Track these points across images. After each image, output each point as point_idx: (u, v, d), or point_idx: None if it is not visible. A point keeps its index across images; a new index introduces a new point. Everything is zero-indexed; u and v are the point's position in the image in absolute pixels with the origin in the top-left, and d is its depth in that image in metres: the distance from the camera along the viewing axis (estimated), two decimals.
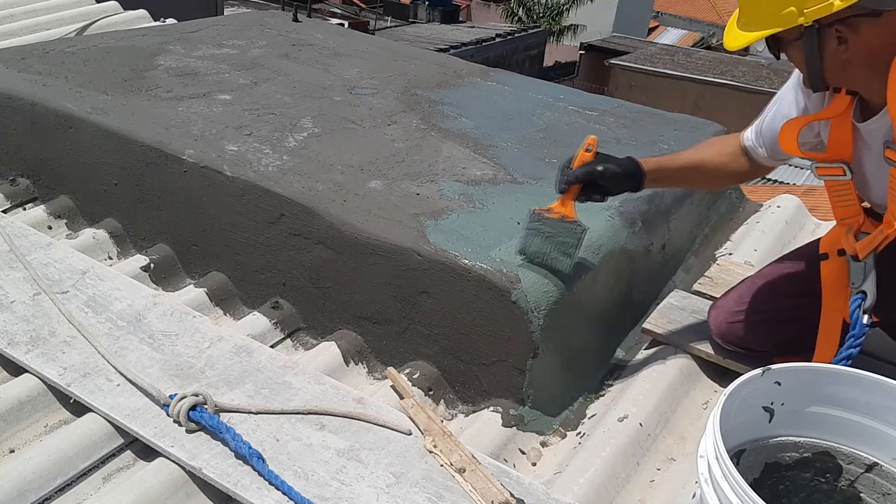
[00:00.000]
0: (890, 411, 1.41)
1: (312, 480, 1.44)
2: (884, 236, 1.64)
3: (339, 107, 2.59)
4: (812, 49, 1.48)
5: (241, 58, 2.96)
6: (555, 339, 1.80)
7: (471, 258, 1.79)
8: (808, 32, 1.46)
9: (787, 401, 1.47)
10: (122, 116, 2.33)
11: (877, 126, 1.58)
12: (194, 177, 2.15)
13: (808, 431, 1.48)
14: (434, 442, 1.55)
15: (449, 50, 15.23)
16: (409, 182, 2.12)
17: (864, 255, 1.68)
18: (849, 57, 1.47)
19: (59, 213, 2.39)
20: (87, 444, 1.53)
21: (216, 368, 1.71)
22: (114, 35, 3.15)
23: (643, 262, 2.15)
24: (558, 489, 1.54)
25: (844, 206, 1.74)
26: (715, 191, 2.60)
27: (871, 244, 1.67)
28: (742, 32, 1.56)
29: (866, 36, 1.43)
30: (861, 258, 1.68)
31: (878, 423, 1.43)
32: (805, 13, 1.42)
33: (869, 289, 1.67)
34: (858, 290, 1.69)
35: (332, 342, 1.94)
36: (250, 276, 2.13)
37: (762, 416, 1.47)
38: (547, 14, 25.92)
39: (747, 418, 1.45)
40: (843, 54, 1.47)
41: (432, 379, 1.86)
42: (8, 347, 1.71)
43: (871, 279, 1.68)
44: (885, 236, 1.64)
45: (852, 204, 1.73)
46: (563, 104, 2.85)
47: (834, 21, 1.42)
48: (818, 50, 1.48)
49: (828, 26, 1.44)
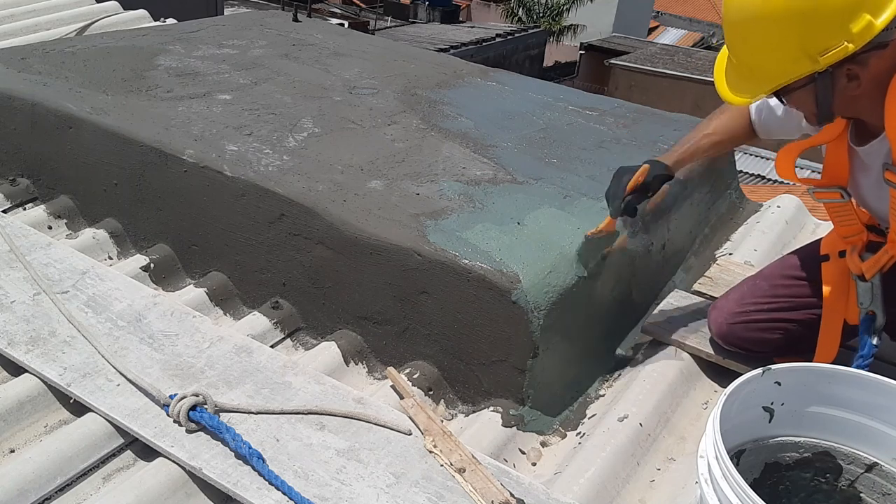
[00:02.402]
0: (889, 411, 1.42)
1: (312, 480, 1.44)
2: (889, 256, 1.64)
3: (339, 107, 2.59)
4: (825, 92, 1.46)
5: (241, 58, 2.96)
6: (555, 340, 1.80)
7: (471, 258, 1.79)
8: (821, 77, 1.43)
9: (787, 401, 1.47)
10: (122, 116, 2.33)
11: (876, 149, 1.57)
12: (194, 177, 2.15)
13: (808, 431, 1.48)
14: (434, 442, 1.55)
15: (449, 50, 15.21)
16: (409, 182, 2.12)
17: (870, 276, 1.68)
18: (861, 91, 1.46)
19: (59, 213, 2.39)
20: (87, 444, 1.53)
21: (216, 368, 1.71)
22: (114, 35, 3.15)
23: (643, 262, 2.15)
24: (558, 489, 1.54)
25: (846, 225, 1.74)
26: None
27: (877, 264, 1.66)
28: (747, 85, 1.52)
29: (872, 67, 1.43)
30: (868, 278, 1.68)
31: (877, 422, 1.43)
32: (820, 60, 1.39)
33: (878, 309, 1.67)
34: (867, 310, 1.68)
35: (332, 342, 1.94)
36: (250, 276, 2.13)
37: (762, 416, 1.47)
38: (547, 14, 25.90)
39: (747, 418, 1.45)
40: (854, 90, 1.46)
41: (432, 379, 1.86)
42: (8, 347, 1.71)
43: (878, 299, 1.68)
44: (891, 256, 1.63)
45: (854, 223, 1.72)
46: (563, 104, 2.85)
47: (844, 61, 1.40)
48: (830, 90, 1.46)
49: (838, 66, 1.42)
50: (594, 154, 2.40)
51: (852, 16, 1.34)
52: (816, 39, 1.38)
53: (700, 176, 2.46)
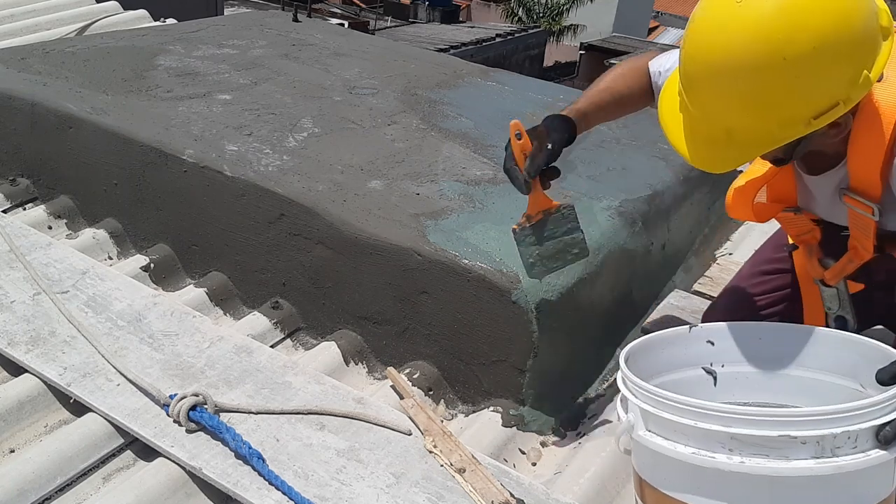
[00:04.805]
0: (820, 357, 1.44)
1: (312, 480, 1.44)
2: (854, 264, 1.58)
3: (339, 107, 2.59)
4: (801, 143, 1.31)
5: (241, 58, 2.96)
6: (555, 339, 1.80)
7: (471, 258, 1.79)
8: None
9: (727, 362, 1.49)
10: (122, 116, 2.33)
11: (829, 177, 1.49)
12: (194, 177, 2.15)
13: (756, 393, 1.50)
14: (434, 442, 1.55)
15: (449, 50, 15.21)
16: (409, 182, 2.12)
17: (834, 282, 1.64)
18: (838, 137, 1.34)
19: (59, 213, 2.39)
20: (87, 444, 1.53)
21: (216, 368, 1.71)
22: (114, 35, 3.15)
23: (643, 262, 2.15)
24: (558, 489, 1.54)
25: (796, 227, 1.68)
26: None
27: (841, 273, 1.61)
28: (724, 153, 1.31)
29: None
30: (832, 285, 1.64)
31: (812, 372, 1.45)
32: (813, 123, 1.23)
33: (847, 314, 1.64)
34: (837, 315, 1.65)
35: (332, 342, 1.94)
36: (250, 276, 2.13)
37: (705, 378, 1.50)
38: (547, 14, 25.92)
39: (689, 380, 1.48)
40: (833, 137, 1.34)
41: (432, 379, 1.86)
42: (8, 347, 1.71)
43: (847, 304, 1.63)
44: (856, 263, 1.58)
45: (804, 222, 1.66)
46: (563, 104, 2.82)
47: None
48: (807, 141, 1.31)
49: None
50: (594, 154, 2.40)
51: (857, 76, 1.20)
52: (817, 103, 1.22)
53: (700, 176, 2.46)
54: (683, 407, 1.21)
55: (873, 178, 1.39)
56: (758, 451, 1.16)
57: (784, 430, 1.14)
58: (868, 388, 1.37)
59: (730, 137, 1.28)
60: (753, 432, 1.16)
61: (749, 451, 1.17)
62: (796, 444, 1.14)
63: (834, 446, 1.14)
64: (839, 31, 1.17)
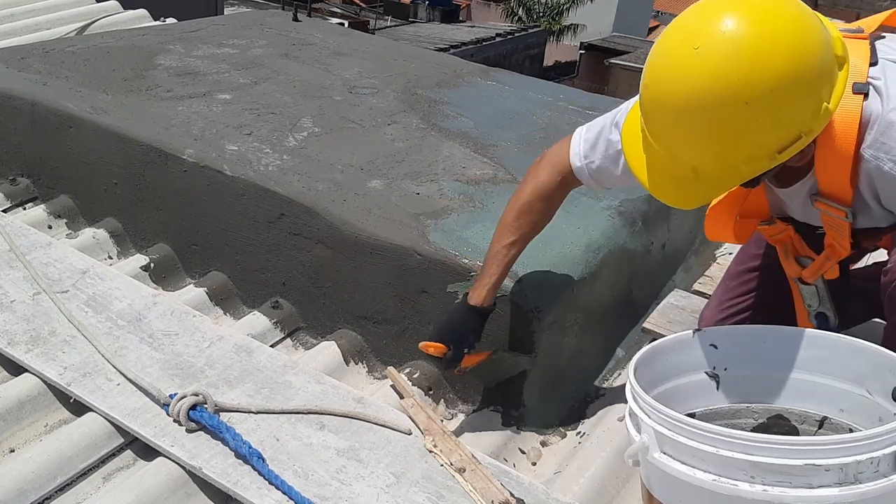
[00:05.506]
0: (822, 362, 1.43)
1: (312, 480, 1.44)
2: (831, 262, 1.59)
3: (339, 106, 2.59)
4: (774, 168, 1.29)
5: (241, 57, 2.96)
6: (555, 339, 1.80)
7: (471, 258, 1.79)
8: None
9: (730, 365, 1.48)
10: (122, 116, 2.33)
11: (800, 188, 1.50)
12: (194, 176, 2.15)
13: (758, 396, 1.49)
14: (434, 442, 1.55)
15: (449, 49, 15.22)
16: (409, 182, 2.12)
17: (812, 280, 1.65)
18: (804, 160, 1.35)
19: (59, 213, 2.39)
20: (87, 443, 1.53)
21: (216, 368, 1.71)
22: (114, 35, 3.15)
23: (643, 262, 2.15)
24: (558, 489, 1.54)
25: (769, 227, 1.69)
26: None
27: (819, 271, 1.62)
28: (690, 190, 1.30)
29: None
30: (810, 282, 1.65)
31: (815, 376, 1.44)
32: (777, 157, 1.23)
33: (828, 310, 1.64)
34: (817, 312, 1.65)
35: (332, 342, 1.94)
36: (250, 275, 2.13)
37: (708, 382, 1.49)
38: (547, 14, 25.93)
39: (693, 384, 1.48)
40: (797, 161, 1.33)
41: (432, 378, 1.86)
42: (8, 347, 1.71)
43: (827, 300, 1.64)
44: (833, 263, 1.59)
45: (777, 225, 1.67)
46: (563, 104, 2.85)
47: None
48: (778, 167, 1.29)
49: None
50: None
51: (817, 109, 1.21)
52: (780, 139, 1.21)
53: None
54: (703, 433, 1.19)
55: (843, 185, 1.39)
56: (781, 478, 1.14)
57: (809, 459, 1.12)
58: (875, 396, 1.36)
59: (696, 175, 1.27)
60: (777, 461, 1.14)
61: (772, 479, 1.15)
62: (820, 471, 1.13)
63: (857, 472, 1.13)
64: (796, 71, 1.17)
